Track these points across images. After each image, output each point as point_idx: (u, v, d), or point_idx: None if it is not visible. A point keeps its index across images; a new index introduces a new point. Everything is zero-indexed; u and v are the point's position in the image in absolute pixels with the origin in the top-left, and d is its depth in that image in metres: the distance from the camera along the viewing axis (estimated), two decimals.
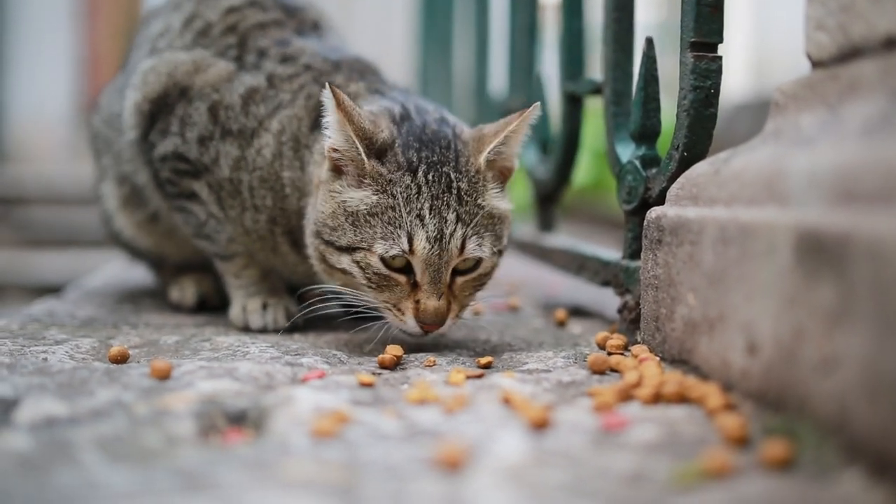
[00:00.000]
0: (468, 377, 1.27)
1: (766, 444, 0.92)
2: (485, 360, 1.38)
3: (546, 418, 1.03)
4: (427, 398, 1.14)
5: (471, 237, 1.39)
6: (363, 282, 1.41)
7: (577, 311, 1.91)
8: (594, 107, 2.11)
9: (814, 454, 0.91)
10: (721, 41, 1.42)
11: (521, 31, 2.36)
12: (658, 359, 1.32)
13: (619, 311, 1.58)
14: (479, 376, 1.28)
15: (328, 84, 1.38)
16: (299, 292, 1.67)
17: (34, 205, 5.42)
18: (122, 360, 1.34)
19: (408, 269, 1.39)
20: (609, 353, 1.39)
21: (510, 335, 1.66)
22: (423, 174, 1.38)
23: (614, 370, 1.32)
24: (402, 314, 1.40)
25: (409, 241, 1.36)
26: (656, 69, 1.54)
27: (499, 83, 2.81)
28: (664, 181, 1.48)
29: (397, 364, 1.38)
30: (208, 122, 1.61)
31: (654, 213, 1.40)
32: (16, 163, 7.00)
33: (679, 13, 1.45)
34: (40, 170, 6.37)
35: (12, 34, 7.34)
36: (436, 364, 1.38)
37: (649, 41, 1.54)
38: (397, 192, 1.37)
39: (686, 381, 1.15)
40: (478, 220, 1.40)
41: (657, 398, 1.13)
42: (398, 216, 1.37)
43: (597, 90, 1.79)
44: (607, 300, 1.78)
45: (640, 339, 1.44)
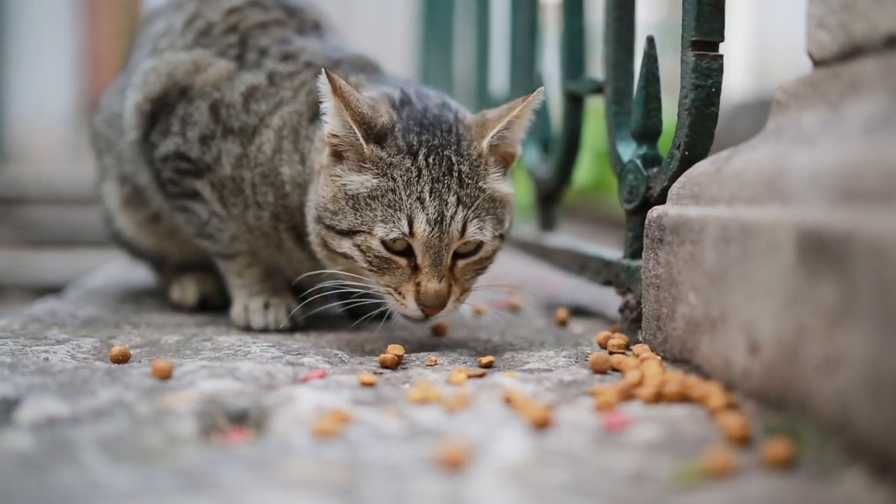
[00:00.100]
0: (470, 376, 1.27)
1: (768, 443, 0.92)
2: (486, 360, 1.38)
3: (547, 418, 1.03)
4: (428, 397, 1.14)
5: (472, 220, 1.39)
6: (364, 265, 1.40)
7: (579, 311, 1.91)
8: (595, 106, 2.11)
9: (815, 454, 0.91)
10: (722, 40, 1.42)
11: (521, 31, 2.36)
12: (659, 358, 1.32)
13: (621, 310, 1.58)
14: (481, 376, 1.28)
15: (324, 70, 1.37)
16: (297, 287, 1.67)
17: (35, 205, 5.42)
18: (123, 359, 1.34)
19: (408, 252, 1.38)
20: (610, 353, 1.39)
21: (511, 334, 1.66)
22: (423, 157, 1.38)
23: (616, 369, 1.31)
24: (403, 297, 1.39)
25: (410, 224, 1.36)
26: (657, 68, 1.54)
27: (500, 82, 2.81)
28: (665, 180, 1.47)
29: (399, 363, 1.38)
30: (209, 120, 1.61)
31: (655, 212, 1.40)
32: (16, 163, 7.00)
33: (680, 12, 1.44)
34: (41, 170, 6.37)
35: (13, 33, 7.34)
36: (437, 363, 1.38)
37: (650, 40, 1.54)
38: (397, 175, 1.37)
39: (688, 380, 1.15)
40: (479, 203, 1.40)
41: (659, 397, 1.13)
42: (398, 199, 1.37)
43: (598, 89, 1.79)
44: (609, 300, 1.78)
45: (641, 339, 1.44)
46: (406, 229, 1.36)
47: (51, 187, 5.55)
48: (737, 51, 6.64)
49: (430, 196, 1.37)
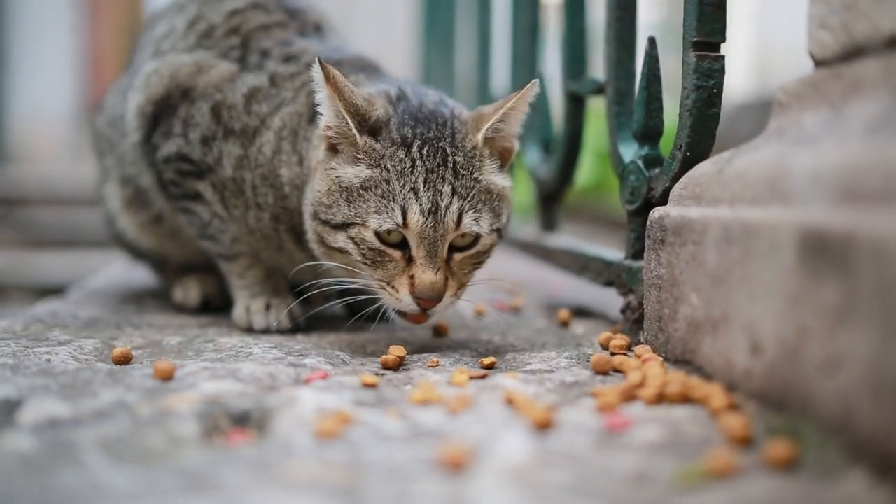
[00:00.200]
0: (471, 378, 1.27)
1: (770, 444, 0.92)
2: (488, 361, 1.38)
3: (549, 419, 1.03)
4: (430, 399, 1.14)
5: (467, 211, 1.38)
6: (358, 258, 1.40)
7: (580, 312, 1.91)
8: (596, 107, 2.11)
9: (817, 454, 0.91)
10: (724, 40, 1.42)
11: (523, 31, 2.36)
12: (661, 359, 1.32)
13: (622, 311, 1.57)
14: (483, 377, 1.28)
15: (318, 59, 1.37)
16: (298, 288, 1.67)
17: (36, 205, 5.42)
18: (125, 361, 1.34)
19: (403, 245, 1.38)
20: (612, 354, 1.39)
21: (513, 336, 1.66)
22: (417, 149, 1.38)
23: (617, 370, 1.31)
24: (397, 291, 1.38)
25: (403, 214, 1.35)
26: (659, 68, 1.54)
27: (501, 83, 2.81)
28: (667, 181, 1.47)
29: (400, 364, 1.38)
30: (211, 122, 1.61)
31: (657, 213, 1.40)
32: (18, 163, 7.00)
33: (681, 13, 1.44)
34: (42, 170, 6.37)
35: (14, 34, 7.34)
36: (439, 364, 1.38)
37: (652, 40, 1.54)
38: (391, 166, 1.37)
39: (689, 381, 1.15)
40: (474, 195, 1.39)
41: (660, 398, 1.13)
42: (391, 189, 1.36)
43: (599, 90, 1.79)
44: (610, 301, 1.77)
45: (643, 340, 1.43)
46: (400, 220, 1.35)
47: (52, 188, 5.55)
48: (738, 51, 6.64)
49: (425, 186, 1.36)
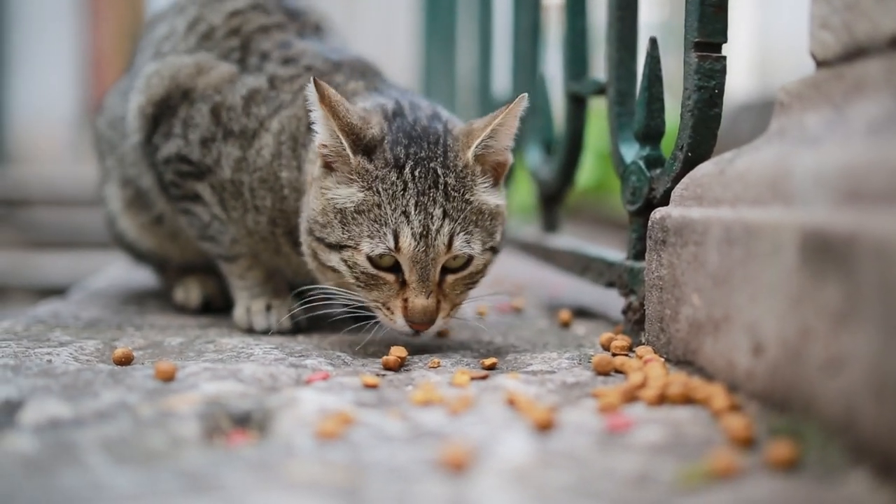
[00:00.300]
0: (473, 378, 1.27)
1: (772, 444, 0.92)
2: (489, 362, 1.38)
3: (551, 419, 1.03)
4: (431, 399, 1.14)
5: (459, 233, 1.38)
6: (352, 280, 1.40)
7: (582, 313, 1.90)
8: (598, 107, 2.11)
9: (820, 455, 0.91)
10: (725, 41, 1.42)
11: (524, 32, 2.36)
12: (663, 360, 1.32)
13: (624, 312, 1.57)
14: (484, 378, 1.28)
15: (313, 78, 1.37)
16: (298, 288, 1.67)
17: (38, 206, 5.42)
18: (126, 361, 1.34)
19: (396, 268, 1.38)
20: (613, 355, 1.39)
21: (514, 336, 1.65)
22: (409, 170, 1.37)
23: (619, 371, 1.31)
24: (392, 313, 1.39)
25: (395, 239, 1.35)
26: (660, 69, 1.54)
27: (502, 84, 2.81)
28: (668, 182, 1.47)
29: (401, 365, 1.38)
30: (210, 123, 1.61)
31: (658, 213, 1.40)
32: (19, 164, 7.01)
33: (682, 13, 1.44)
34: (44, 171, 6.37)
35: (15, 35, 7.35)
36: (440, 365, 1.38)
37: (653, 41, 1.54)
38: (383, 189, 1.36)
39: (691, 381, 1.15)
40: (466, 216, 1.39)
41: (662, 399, 1.13)
42: (384, 214, 1.36)
43: (600, 90, 1.79)
44: (611, 301, 1.77)
45: (644, 340, 1.43)
46: (392, 244, 1.35)
47: (54, 189, 5.55)
48: (739, 52, 6.64)
49: (416, 210, 1.35)
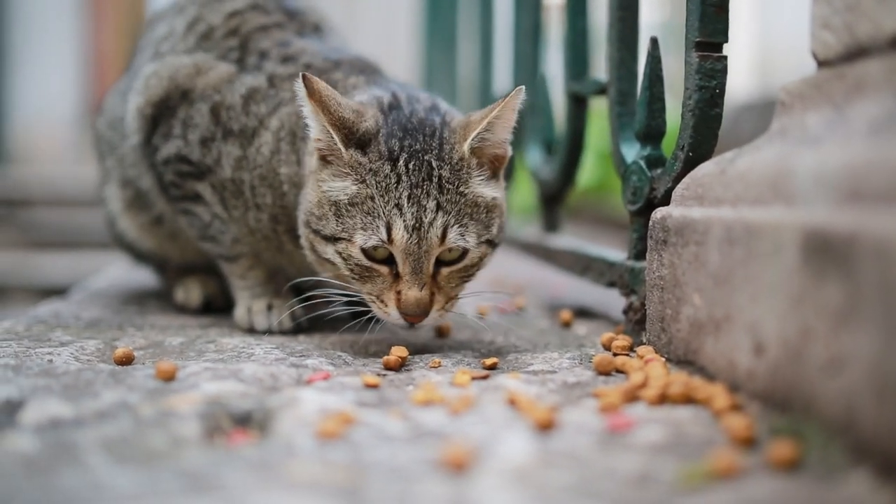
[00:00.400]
0: (473, 378, 1.27)
1: (773, 444, 0.92)
2: (490, 362, 1.38)
3: (552, 419, 1.03)
4: (432, 399, 1.14)
5: (453, 226, 1.37)
6: (346, 273, 1.40)
7: (583, 312, 1.90)
8: (598, 108, 2.11)
9: (821, 455, 0.91)
10: (726, 41, 1.42)
11: (525, 32, 2.36)
12: (664, 360, 1.32)
13: (625, 311, 1.57)
14: (485, 377, 1.28)
15: (301, 73, 1.36)
16: (299, 287, 1.67)
17: (39, 206, 5.43)
18: (127, 361, 1.34)
19: (390, 260, 1.38)
20: (614, 354, 1.39)
21: (515, 336, 1.65)
22: (403, 163, 1.37)
23: (620, 371, 1.31)
24: (386, 305, 1.39)
25: (388, 231, 1.35)
26: (661, 69, 1.54)
27: (503, 84, 2.81)
28: (669, 181, 1.47)
29: (402, 365, 1.38)
30: (210, 123, 1.61)
31: (659, 213, 1.40)
32: (20, 164, 7.02)
33: (683, 13, 1.44)
34: (45, 171, 6.38)
35: (17, 35, 7.35)
36: (441, 365, 1.38)
37: (654, 41, 1.54)
38: (376, 182, 1.36)
39: (692, 381, 1.15)
40: (460, 209, 1.38)
41: (663, 399, 1.13)
42: (377, 206, 1.36)
43: (601, 90, 1.78)
44: (612, 301, 1.77)
45: (645, 340, 1.43)
46: (384, 236, 1.35)
47: (55, 189, 5.56)
48: (740, 52, 6.64)
49: (409, 202, 1.35)
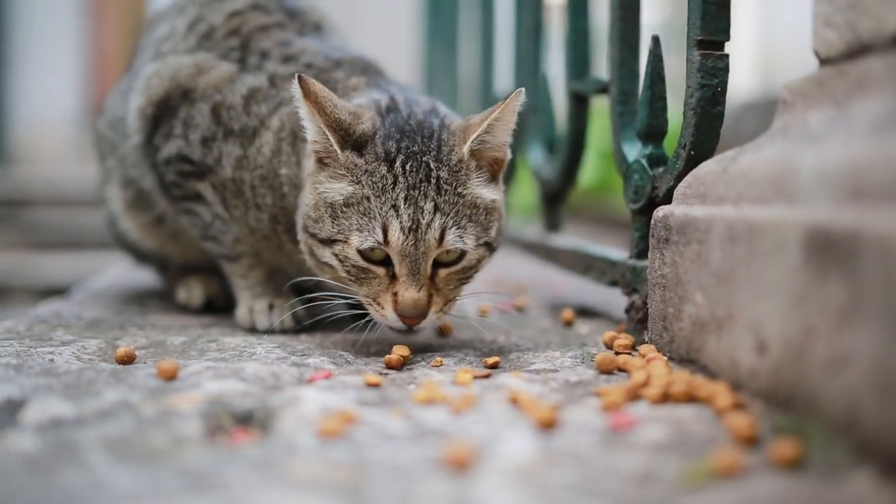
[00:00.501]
0: (475, 377, 1.27)
1: (776, 443, 0.91)
2: (492, 361, 1.38)
3: (554, 418, 1.02)
4: (434, 398, 1.13)
5: (451, 228, 1.36)
6: (343, 275, 1.40)
7: (584, 312, 1.90)
8: (599, 107, 2.11)
9: (824, 453, 0.90)
10: (728, 39, 1.42)
11: (526, 31, 2.35)
12: (666, 358, 1.32)
13: (627, 310, 1.57)
14: (487, 376, 1.28)
15: (297, 75, 1.36)
16: (300, 287, 1.67)
17: (40, 207, 5.42)
18: (128, 360, 1.34)
19: (387, 262, 1.37)
20: (616, 353, 1.39)
21: (517, 335, 1.65)
22: (400, 164, 1.36)
23: (622, 370, 1.31)
24: (382, 308, 1.38)
25: (384, 232, 1.34)
26: (663, 67, 1.54)
27: (504, 83, 2.81)
28: (671, 180, 1.47)
29: (404, 364, 1.37)
30: (211, 122, 1.61)
31: (661, 212, 1.39)
32: (22, 165, 7.02)
33: (685, 12, 1.44)
34: (46, 172, 6.37)
35: (18, 35, 7.36)
36: (443, 364, 1.38)
37: (655, 39, 1.53)
38: (372, 183, 1.36)
39: (694, 380, 1.15)
40: (459, 211, 1.38)
41: (665, 398, 1.12)
42: (372, 207, 1.35)
43: (603, 89, 1.78)
44: (614, 300, 1.77)
45: (647, 339, 1.43)
46: (380, 237, 1.34)
47: (56, 189, 5.55)
48: (742, 51, 6.63)
49: (406, 203, 1.34)
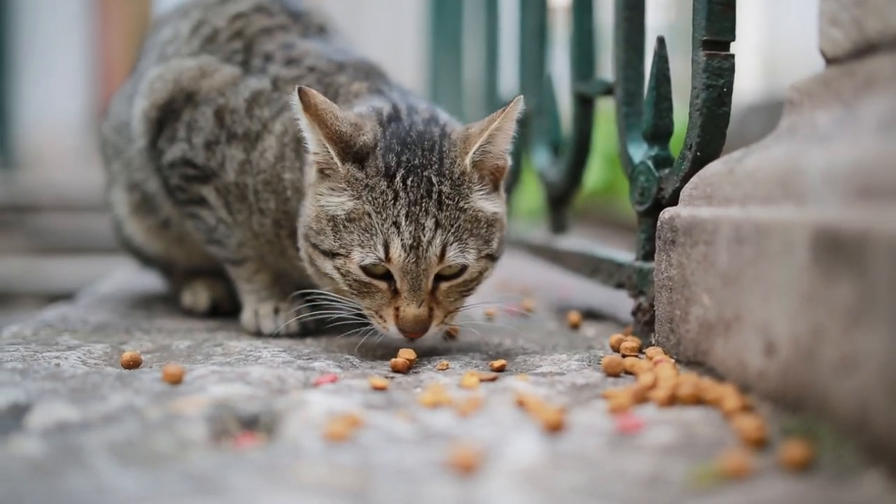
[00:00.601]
0: (481, 380, 1.26)
1: (785, 445, 0.91)
2: (498, 364, 1.37)
3: (560, 421, 1.02)
4: (440, 401, 1.13)
5: (452, 244, 1.35)
6: (345, 288, 1.39)
7: (591, 314, 1.89)
8: (605, 110, 2.10)
9: (833, 455, 0.90)
10: (733, 39, 1.41)
11: (530, 33, 2.35)
12: (673, 361, 1.31)
13: (633, 313, 1.56)
14: (493, 379, 1.27)
15: (298, 87, 1.35)
16: (305, 291, 1.66)
17: (47, 212, 5.44)
18: (134, 365, 1.34)
19: (389, 276, 1.37)
20: (623, 356, 1.38)
21: (523, 338, 1.65)
22: (401, 179, 1.35)
23: (629, 372, 1.30)
24: (385, 321, 1.38)
25: (385, 250, 1.33)
26: (668, 68, 1.53)
27: (509, 85, 2.80)
28: (677, 181, 1.46)
29: (410, 368, 1.37)
30: (214, 126, 1.61)
31: (667, 213, 1.39)
32: (28, 170, 7.04)
33: (689, 16, 1.43)
34: (53, 177, 6.40)
35: (24, 40, 7.39)
36: (449, 367, 1.37)
37: (661, 40, 1.53)
38: (373, 198, 1.35)
39: (702, 382, 1.14)
40: (460, 226, 1.37)
41: (673, 400, 1.12)
42: (374, 223, 1.34)
43: (608, 91, 1.78)
44: (621, 303, 1.76)
45: (654, 342, 1.42)
46: (382, 255, 1.33)
47: (63, 194, 5.57)
48: (747, 53, 6.62)
49: (407, 220, 1.34)
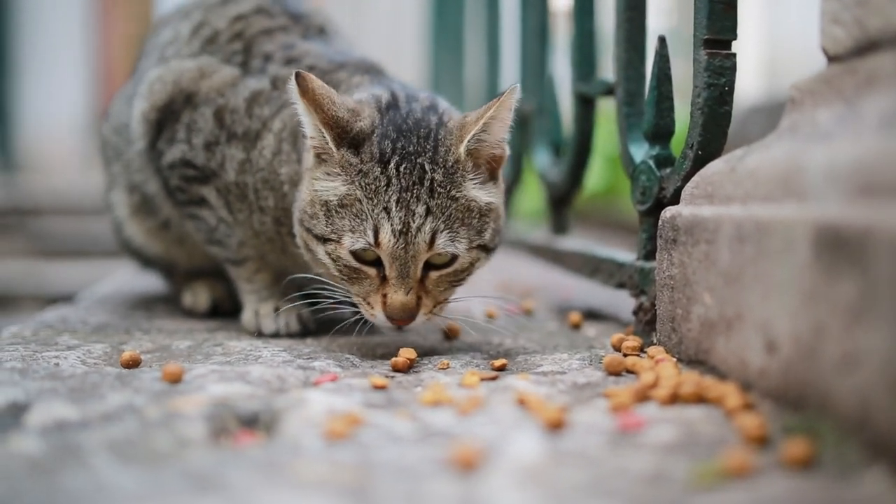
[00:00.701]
0: (482, 379, 1.26)
1: (787, 443, 0.90)
2: (499, 363, 1.37)
3: (561, 419, 1.02)
4: (441, 400, 1.13)
5: (442, 231, 1.35)
6: (336, 273, 1.40)
7: (592, 314, 1.89)
8: (606, 111, 2.10)
9: (835, 453, 0.89)
10: (735, 38, 1.41)
11: (532, 34, 2.35)
12: (674, 359, 1.30)
13: (635, 312, 1.56)
14: (494, 378, 1.27)
15: (296, 71, 1.35)
16: (306, 290, 1.66)
17: (47, 215, 5.44)
18: (133, 364, 1.34)
19: (378, 263, 1.37)
20: (625, 355, 1.38)
21: (524, 338, 1.64)
22: (394, 165, 1.36)
23: (630, 371, 1.30)
24: (372, 308, 1.38)
25: (375, 234, 1.34)
26: (669, 68, 1.53)
27: (510, 85, 2.80)
28: (679, 180, 1.46)
29: (410, 367, 1.37)
30: (214, 126, 1.61)
31: (668, 212, 1.38)
32: (29, 173, 7.04)
33: (691, 17, 1.43)
34: (54, 180, 6.40)
35: (25, 44, 7.40)
36: (449, 367, 1.37)
37: (662, 39, 1.53)
38: (365, 184, 1.35)
39: (703, 381, 1.14)
40: (451, 214, 1.36)
41: (674, 399, 1.11)
42: (365, 208, 1.35)
43: (609, 91, 1.78)
44: (622, 303, 1.76)
45: (655, 341, 1.42)
46: (371, 239, 1.34)
47: (64, 197, 5.57)
48: (749, 53, 6.61)
49: (397, 206, 1.34)
